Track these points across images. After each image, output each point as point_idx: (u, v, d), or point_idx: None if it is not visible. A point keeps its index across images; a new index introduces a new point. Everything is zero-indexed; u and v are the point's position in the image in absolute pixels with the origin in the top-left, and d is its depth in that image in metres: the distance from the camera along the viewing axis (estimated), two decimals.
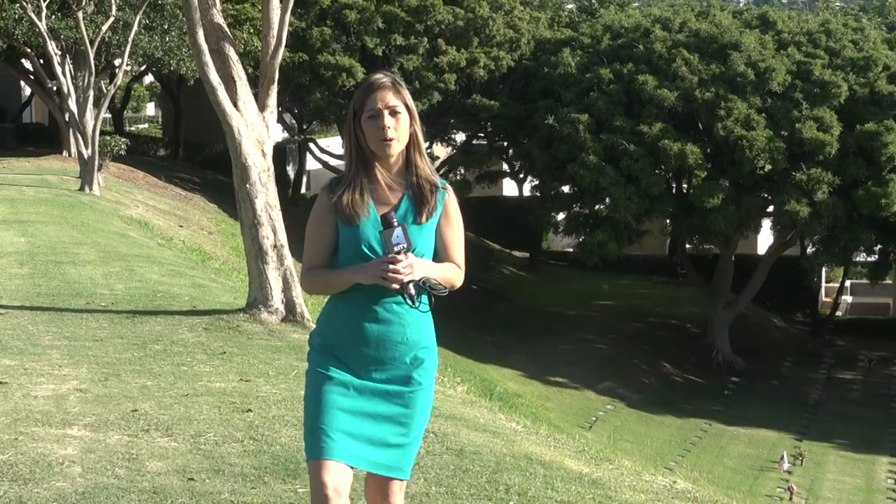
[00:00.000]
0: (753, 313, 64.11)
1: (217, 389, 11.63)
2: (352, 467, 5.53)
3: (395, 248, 5.49)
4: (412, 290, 5.52)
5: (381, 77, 5.78)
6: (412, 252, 5.57)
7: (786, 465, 42.69)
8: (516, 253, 70.53)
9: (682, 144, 50.92)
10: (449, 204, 5.87)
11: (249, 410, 10.62)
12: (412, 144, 5.79)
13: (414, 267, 5.54)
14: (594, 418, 45.07)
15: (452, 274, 5.84)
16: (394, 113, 5.68)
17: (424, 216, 5.73)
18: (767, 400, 52.27)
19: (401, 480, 5.72)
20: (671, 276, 70.21)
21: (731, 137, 51.05)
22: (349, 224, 5.67)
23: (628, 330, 57.82)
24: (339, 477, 5.45)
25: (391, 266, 5.47)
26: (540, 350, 50.70)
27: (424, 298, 5.64)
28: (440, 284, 5.65)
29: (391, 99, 5.70)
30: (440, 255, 5.84)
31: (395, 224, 5.53)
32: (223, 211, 48.53)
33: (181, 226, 39.17)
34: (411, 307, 5.59)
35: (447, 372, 19.04)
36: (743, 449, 45.34)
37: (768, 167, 51.76)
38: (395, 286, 5.48)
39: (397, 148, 5.71)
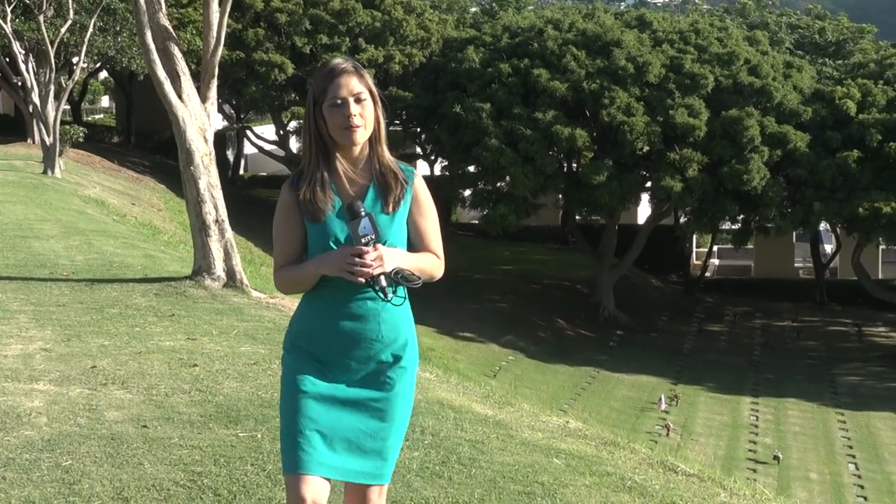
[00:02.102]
0: (634, 275, 64.57)
1: (167, 347, 11.55)
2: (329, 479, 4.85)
3: (363, 240, 4.68)
4: (383, 283, 4.72)
5: (341, 62, 4.92)
6: (382, 243, 4.76)
7: (663, 406, 43.06)
8: None
9: (572, 129, 51.14)
10: (419, 190, 5.06)
11: (195, 365, 10.56)
12: (375, 133, 4.99)
13: (384, 258, 4.71)
14: (498, 368, 45.19)
15: (430, 264, 5.01)
16: (359, 100, 4.87)
17: (391, 205, 4.90)
18: (647, 350, 52.68)
19: (383, 487, 5.02)
20: (563, 244, 70.51)
21: (614, 123, 51.34)
22: (314, 220, 4.87)
23: (526, 291, 58.02)
24: (317, 491, 4.75)
25: (357, 259, 4.67)
26: (450, 309, 50.75)
27: (400, 291, 4.84)
28: (414, 275, 4.82)
29: (355, 85, 4.87)
30: (415, 245, 5.01)
31: (362, 213, 4.73)
32: (171, 190, 48.06)
33: (133, 204, 38.79)
34: (384, 301, 4.77)
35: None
36: (626, 392, 45.66)
37: (646, 148, 52.16)
38: (362, 279, 4.68)
39: (363, 136, 4.90)
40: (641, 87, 53.15)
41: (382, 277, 4.72)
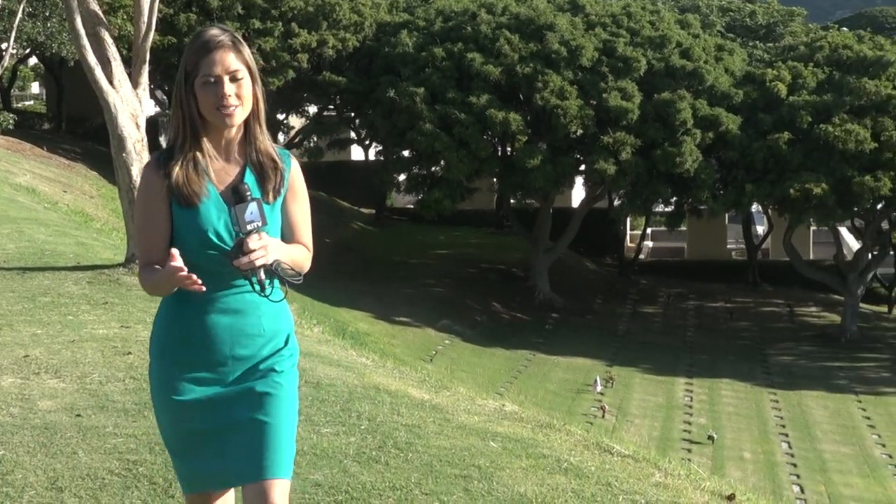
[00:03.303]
0: (569, 258, 64.81)
1: (100, 335, 11.45)
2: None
3: (249, 227, 4.19)
4: (262, 276, 4.25)
5: (217, 34, 4.37)
6: (265, 232, 4.27)
7: (599, 388, 43.33)
8: (364, 210, 70.35)
9: (506, 113, 51.23)
10: (295, 177, 4.56)
11: (129, 353, 10.47)
12: (253, 113, 4.44)
13: (269, 248, 4.24)
14: (434, 352, 45.26)
15: (301, 256, 4.53)
16: (235, 78, 4.34)
17: (271, 195, 4.43)
18: (582, 332, 52.94)
19: (281, 481, 4.51)
20: (498, 228, 70.64)
21: (548, 106, 51.48)
22: (188, 205, 4.33)
23: (462, 274, 58.10)
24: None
25: (245, 246, 4.18)
26: (386, 294, 50.76)
27: (277, 285, 4.40)
28: (292, 270, 4.36)
29: (232, 61, 4.34)
30: (286, 236, 4.53)
31: (249, 198, 4.24)
32: (103, 177, 47.60)
33: (65, 191, 38.40)
34: (260, 295, 4.32)
35: (305, 315, 18.95)
36: (562, 375, 45.89)
37: (580, 132, 52.39)
38: (246, 268, 4.21)
39: (240, 116, 4.38)
40: (575, 71, 53.32)
41: (262, 270, 4.26)
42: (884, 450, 39.84)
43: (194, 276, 4.16)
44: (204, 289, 4.21)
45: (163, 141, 68.63)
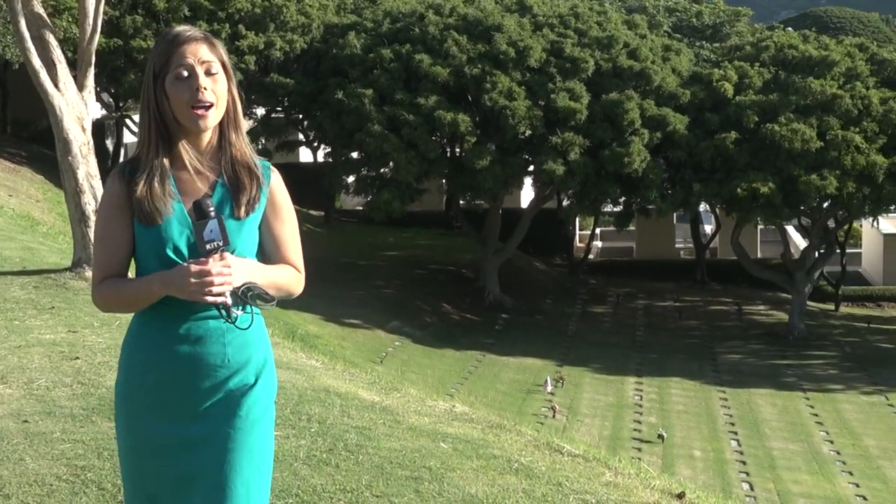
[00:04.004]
0: (519, 258, 64.95)
1: (47, 340, 11.36)
2: None
3: (208, 246, 3.82)
4: (228, 301, 3.86)
5: (187, 28, 4.05)
6: (230, 251, 3.90)
7: (549, 388, 43.44)
8: (313, 212, 70.16)
9: (455, 114, 51.27)
10: (276, 191, 4.14)
11: (77, 358, 10.40)
12: (227, 116, 4.05)
13: (233, 270, 3.84)
14: (384, 353, 45.21)
15: (287, 278, 4.12)
16: (209, 72, 3.96)
17: (244, 209, 4.01)
18: (532, 332, 53.07)
19: None
20: (448, 229, 70.68)
21: (497, 107, 51.56)
22: (149, 223, 3.95)
23: (412, 276, 58.11)
24: None
25: (204, 268, 3.81)
26: (336, 296, 50.65)
27: (249, 311, 3.98)
28: (267, 293, 3.95)
29: (205, 54, 3.98)
30: (271, 255, 4.14)
31: (212, 214, 3.85)
32: (49, 181, 47.24)
33: (11, 195, 38.05)
34: (227, 322, 3.92)
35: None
36: (512, 375, 45.96)
37: (529, 132, 52.52)
38: (209, 299, 3.83)
39: (215, 117, 3.98)
40: (523, 72, 53.45)
41: (228, 294, 3.85)
42: (831, 446, 40.20)
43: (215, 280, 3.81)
44: (209, 299, 3.85)
45: (109, 144, 68.24)
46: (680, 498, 7.69)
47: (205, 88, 3.93)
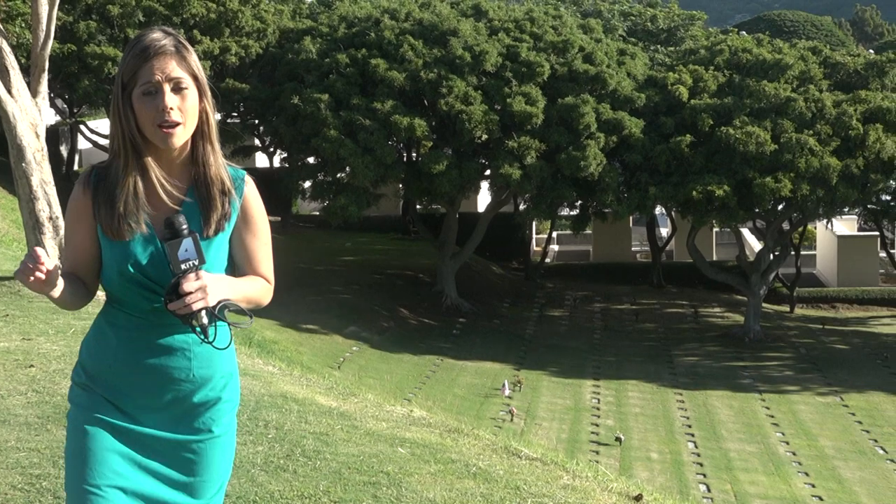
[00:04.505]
0: (476, 262, 65.02)
1: (1, 348, 11.28)
2: None
3: (183, 266, 3.72)
4: (205, 320, 3.77)
5: (158, 38, 3.85)
6: (204, 269, 3.79)
7: (507, 392, 43.46)
8: (269, 217, 69.97)
9: (411, 119, 51.26)
10: (250, 202, 4.11)
11: (32, 366, 10.33)
12: (200, 130, 3.94)
13: (208, 288, 3.74)
14: (342, 359, 45.13)
15: (257, 291, 4.13)
16: (178, 88, 3.83)
17: (213, 227, 3.94)
18: (490, 336, 53.11)
19: None
20: (404, 233, 70.72)
21: (453, 112, 51.61)
22: (116, 238, 3.87)
23: (369, 281, 58.04)
24: None
25: (181, 288, 3.70)
26: (293, 301, 50.48)
27: (225, 330, 3.97)
28: (243, 310, 3.93)
29: (174, 69, 3.82)
30: (241, 268, 4.09)
31: (185, 232, 3.75)
32: (3, 188, 46.92)
33: None
34: (204, 342, 3.82)
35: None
36: (470, 379, 45.97)
37: (485, 137, 52.63)
38: (182, 312, 3.74)
39: (183, 135, 3.86)
40: (479, 76, 53.52)
41: (204, 313, 3.77)
42: (787, 447, 40.44)
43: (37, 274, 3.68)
44: (184, 313, 3.76)
45: (63, 151, 67.84)
46: (637, 500, 7.73)
47: (171, 108, 3.82)
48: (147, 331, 3.94)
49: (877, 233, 67.86)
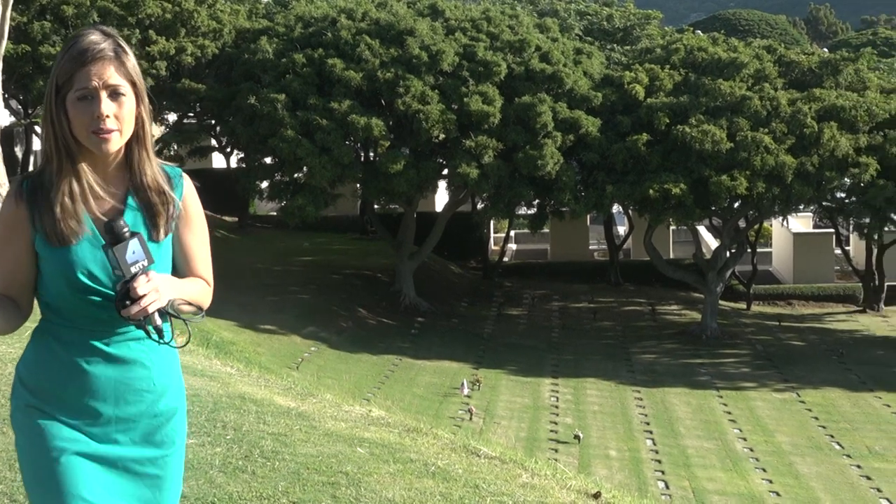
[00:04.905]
0: (434, 262, 65.04)
1: None
2: None
3: (133, 268, 3.58)
4: (158, 321, 3.65)
5: (97, 41, 3.71)
6: (153, 269, 3.66)
7: (466, 391, 43.50)
8: (226, 218, 69.78)
9: (368, 118, 51.20)
10: (188, 200, 3.94)
11: None
12: (136, 135, 3.79)
13: (160, 288, 3.62)
14: (300, 359, 45.02)
15: (199, 293, 3.93)
16: (115, 95, 3.68)
17: (162, 231, 3.83)
18: (448, 336, 53.14)
19: None
20: (362, 233, 70.68)
21: (410, 111, 51.58)
22: (60, 244, 3.69)
23: (327, 281, 57.93)
24: None
25: (133, 291, 3.55)
26: (250, 302, 50.36)
27: (167, 328, 3.79)
28: (190, 307, 3.83)
29: (112, 75, 3.67)
30: (180, 267, 3.94)
31: (128, 234, 3.62)
32: None
33: None
34: (159, 343, 3.70)
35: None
36: (429, 379, 45.98)
37: (442, 136, 52.66)
38: (138, 317, 3.58)
39: (119, 141, 3.72)
40: (436, 76, 53.53)
41: (157, 314, 3.64)
42: (745, 443, 40.66)
43: None
44: (139, 317, 3.61)
45: (18, 152, 67.35)
46: (596, 498, 7.75)
47: (107, 115, 3.68)
48: (101, 343, 3.78)
49: (832, 230, 68.33)
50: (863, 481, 36.83)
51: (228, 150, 63.97)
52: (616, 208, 62.84)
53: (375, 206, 61.02)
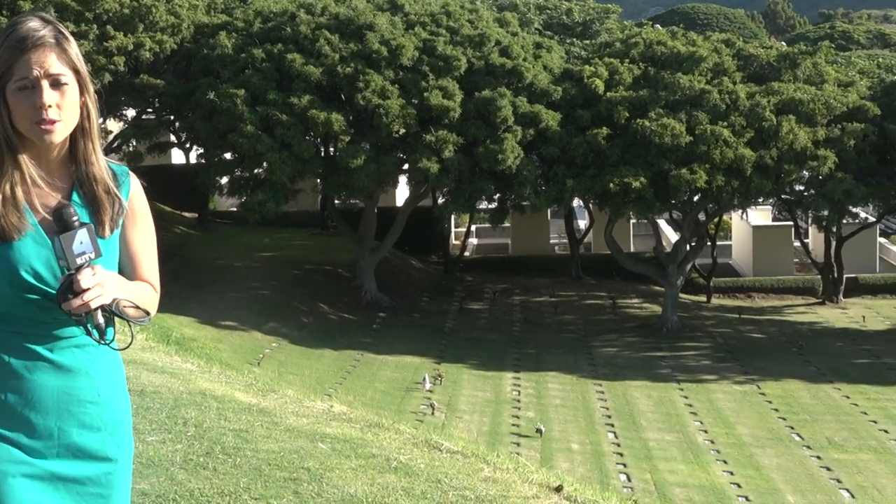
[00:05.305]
0: (395, 257, 64.98)
1: None
2: None
3: (79, 260, 3.38)
4: (100, 319, 3.40)
5: (37, 27, 3.56)
6: (100, 265, 3.46)
7: (427, 385, 43.53)
8: (186, 214, 69.48)
9: (328, 113, 51.12)
10: (135, 199, 3.76)
11: None
12: (81, 126, 3.62)
13: (106, 284, 3.42)
14: (262, 355, 44.92)
15: (146, 298, 3.68)
16: (57, 84, 3.52)
17: (108, 227, 3.62)
18: (410, 330, 53.13)
19: None
20: (323, 228, 70.51)
21: (370, 106, 51.53)
22: (1, 240, 3.49)
23: (288, 276, 57.79)
24: None
25: (77, 284, 3.35)
26: (211, 298, 50.20)
27: (110, 331, 3.51)
28: (136, 309, 3.53)
29: (53, 63, 3.51)
30: (126, 270, 3.71)
31: (77, 223, 3.45)
32: None
33: None
34: (100, 343, 3.45)
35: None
36: (391, 374, 45.97)
37: (402, 131, 52.61)
38: (80, 311, 3.36)
39: (62, 132, 3.55)
40: (396, 70, 53.49)
41: (100, 312, 3.41)
42: (706, 436, 40.87)
43: None
44: (80, 314, 3.40)
45: None
46: (558, 491, 7.77)
47: (49, 106, 3.50)
48: (43, 349, 3.54)
49: (791, 223, 68.71)
50: (823, 472, 37.10)
51: (188, 145, 63.64)
52: (577, 202, 62.97)
53: (336, 202, 60.89)
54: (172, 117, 60.53)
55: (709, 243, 62.93)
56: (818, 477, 36.70)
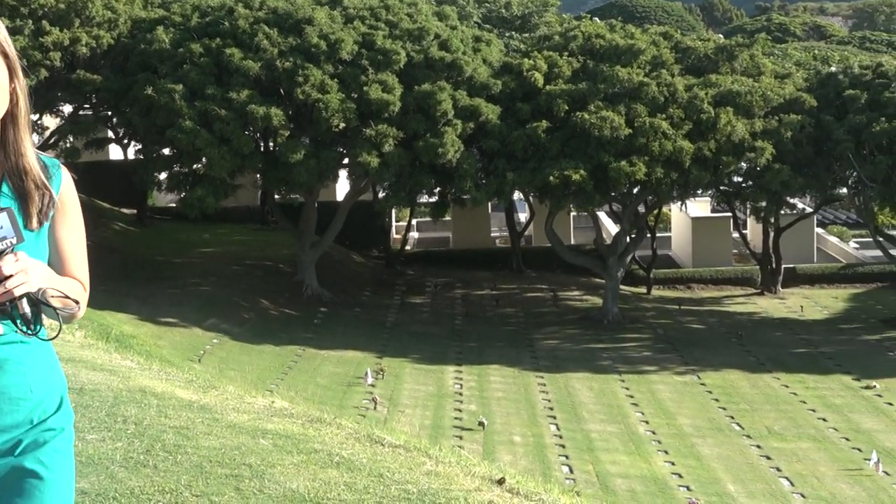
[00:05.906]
0: (336, 251, 64.88)
1: None
2: None
3: (0, 245, 3.23)
4: (26, 308, 3.23)
5: None
6: (24, 252, 3.29)
7: (370, 380, 43.51)
8: (124, 210, 68.99)
9: (268, 108, 50.94)
10: (65, 193, 3.58)
11: None
12: (10, 113, 3.43)
13: (30, 271, 3.25)
14: (202, 351, 44.71)
15: (76, 293, 3.46)
16: None
17: (35, 220, 3.44)
18: (351, 325, 53.08)
19: None
20: (263, 224, 70.29)
21: (310, 101, 51.41)
22: None
23: (228, 272, 57.56)
24: None
25: (2, 269, 3.20)
26: (150, 295, 49.89)
27: (38, 321, 3.31)
28: (68, 300, 3.36)
29: None
30: (54, 268, 3.47)
31: None
32: None
33: None
34: (27, 334, 3.28)
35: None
36: (333, 369, 45.91)
37: (342, 125, 52.53)
38: (3, 300, 3.20)
39: None
40: (335, 65, 53.37)
41: (26, 301, 3.23)
42: (647, 426, 41.14)
43: None
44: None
45: None
46: (500, 484, 7.79)
47: None
48: None
49: (729, 214, 69.31)
50: (763, 461, 37.46)
51: (126, 141, 63.17)
52: (517, 195, 63.13)
53: (276, 196, 60.72)
54: (110, 113, 60.07)
55: (648, 235, 63.31)
56: (758, 466, 37.05)
